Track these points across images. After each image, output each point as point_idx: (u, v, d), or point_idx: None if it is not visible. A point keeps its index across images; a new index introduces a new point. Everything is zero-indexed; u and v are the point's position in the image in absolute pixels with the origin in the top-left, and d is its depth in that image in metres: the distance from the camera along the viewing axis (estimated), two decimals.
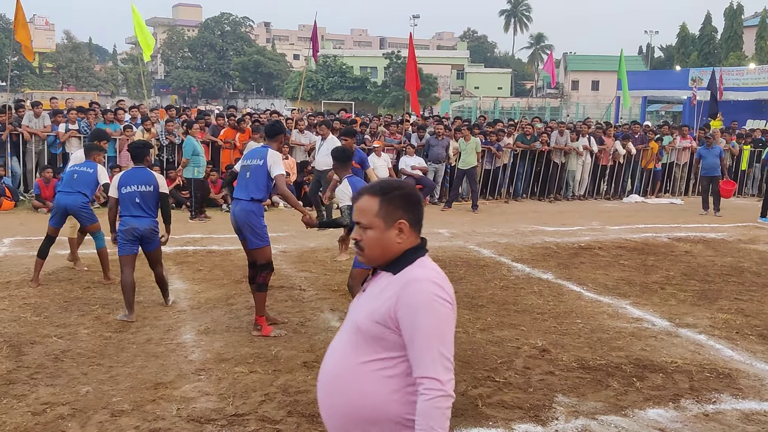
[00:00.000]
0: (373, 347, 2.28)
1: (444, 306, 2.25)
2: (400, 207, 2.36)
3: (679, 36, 65.47)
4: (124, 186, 6.60)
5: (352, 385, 2.29)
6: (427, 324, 2.21)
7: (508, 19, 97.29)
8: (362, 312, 2.35)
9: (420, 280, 2.27)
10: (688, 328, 6.79)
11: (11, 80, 58.58)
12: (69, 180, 7.80)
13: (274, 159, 6.30)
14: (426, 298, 2.23)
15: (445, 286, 2.29)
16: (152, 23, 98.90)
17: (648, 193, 17.88)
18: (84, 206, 7.72)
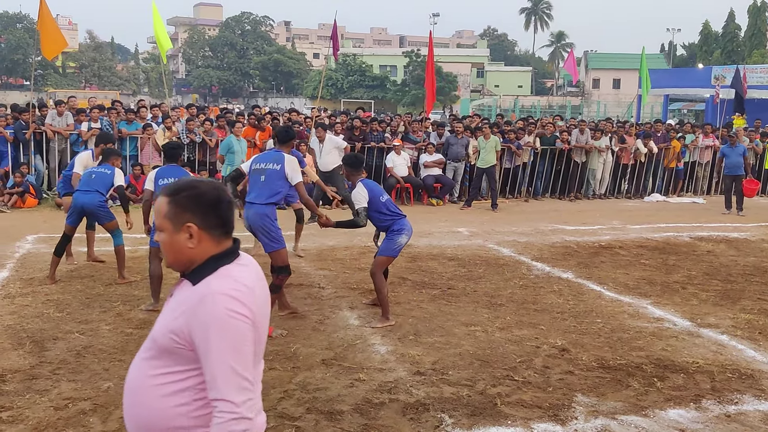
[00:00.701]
0: (165, 360, 2.12)
1: (240, 321, 2.07)
2: (188, 209, 2.16)
3: (701, 34, 64.85)
4: (161, 178, 6.97)
5: (142, 397, 2.15)
6: (220, 342, 2.04)
7: (529, 17, 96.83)
8: (159, 323, 2.18)
9: (214, 293, 2.08)
10: (709, 328, 6.73)
11: (35, 79, 59.23)
12: (86, 180, 7.91)
13: (293, 166, 6.45)
14: (219, 314, 2.05)
15: (243, 298, 2.10)
16: (173, 22, 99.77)
17: (670, 192, 17.72)
18: (101, 205, 7.82)
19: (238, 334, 2.06)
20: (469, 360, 5.63)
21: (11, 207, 12.29)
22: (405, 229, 6.61)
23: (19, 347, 5.62)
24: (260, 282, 2.25)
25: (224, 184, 7.30)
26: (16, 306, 6.71)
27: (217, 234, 2.20)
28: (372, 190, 6.59)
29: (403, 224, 6.62)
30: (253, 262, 2.31)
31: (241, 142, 12.61)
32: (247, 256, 2.30)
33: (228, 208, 2.23)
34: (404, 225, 6.63)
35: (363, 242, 10.09)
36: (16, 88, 77.52)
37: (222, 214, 2.21)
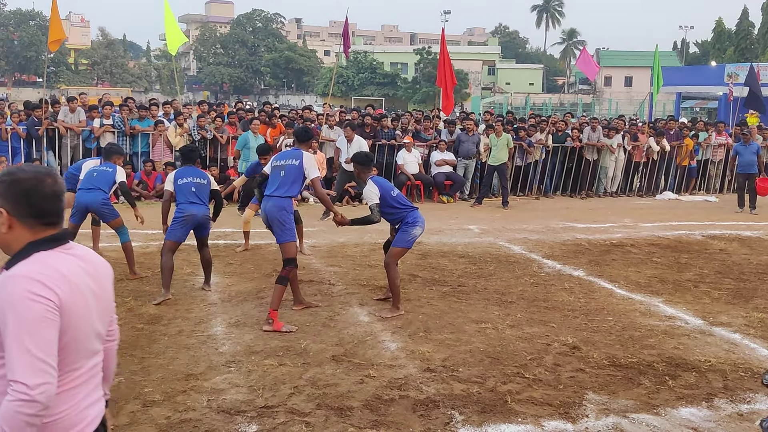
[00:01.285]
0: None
1: (39, 303, 2.04)
2: (1, 195, 2.16)
3: (714, 31, 64.46)
4: (181, 178, 7.21)
5: None
6: (17, 323, 2.02)
7: (540, 15, 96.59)
8: None
9: (16, 276, 2.07)
10: (722, 326, 6.68)
11: (47, 76, 59.62)
12: (89, 178, 7.96)
13: (311, 162, 6.64)
14: (17, 295, 2.03)
15: (48, 282, 2.08)
16: (185, 20, 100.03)
17: (682, 190, 17.63)
18: (105, 203, 7.85)
19: (37, 315, 2.04)
20: (479, 357, 5.62)
21: None
22: (418, 221, 6.71)
23: None
24: (83, 272, 2.22)
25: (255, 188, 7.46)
26: None
27: (31, 223, 2.18)
28: (382, 187, 6.71)
29: (416, 216, 6.73)
30: (89, 255, 2.29)
31: (258, 138, 12.65)
32: (82, 248, 2.29)
33: (48, 199, 2.20)
34: (417, 217, 6.73)
35: (373, 239, 10.09)
36: (29, 85, 78.04)
37: (35, 203, 2.18)
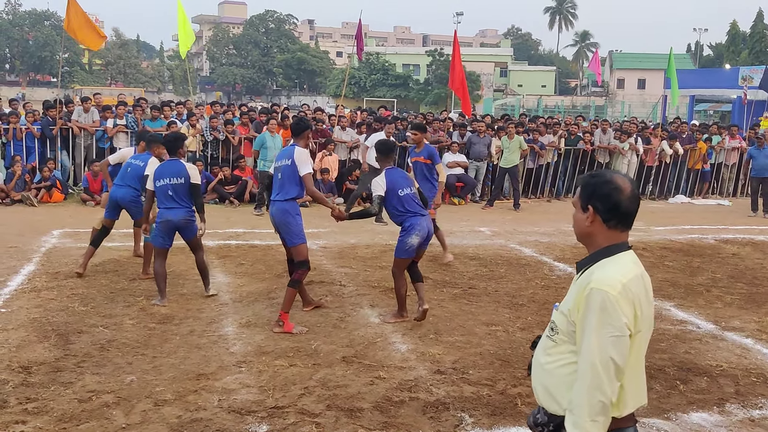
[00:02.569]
0: None
1: None
2: None
3: (729, 34, 64.11)
4: (158, 179, 6.89)
5: None
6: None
7: (553, 17, 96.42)
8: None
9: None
10: (734, 331, 6.65)
11: (61, 76, 60.00)
12: (122, 174, 8.03)
13: (301, 158, 6.34)
14: None
15: None
16: (198, 20, 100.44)
17: (695, 193, 17.54)
18: (134, 199, 7.87)
19: None
20: (489, 360, 5.62)
21: (39, 201, 12.47)
22: (415, 228, 6.36)
23: (45, 340, 5.70)
24: None
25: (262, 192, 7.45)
26: (41, 299, 6.80)
27: None
28: (392, 181, 6.47)
29: (413, 223, 6.38)
30: None
31: (275, 138, 12.73)
32: None
33: None
34: (414, 224, 6.38)
35: (384, 240, 10.10)
36: (43, 85, 78.62)
37: None
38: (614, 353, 2.24)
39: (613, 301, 2.26)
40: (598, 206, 2.40)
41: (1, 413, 4.39)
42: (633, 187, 2.42)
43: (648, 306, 2.39)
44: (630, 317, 2.28)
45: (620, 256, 2.40)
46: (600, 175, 2.45)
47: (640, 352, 2.37)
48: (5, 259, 8.34)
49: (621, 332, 2.25)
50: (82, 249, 9.05)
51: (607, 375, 2.24)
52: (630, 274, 2.35)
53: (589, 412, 2.25)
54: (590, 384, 2.25)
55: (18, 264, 8.15)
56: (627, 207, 2.39)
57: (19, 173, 12.57)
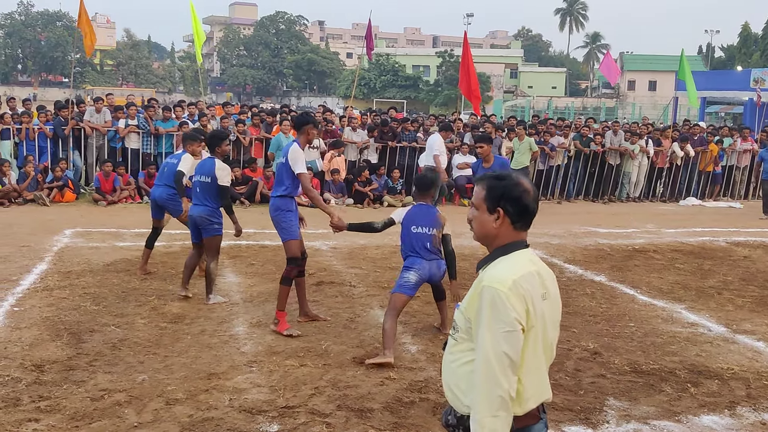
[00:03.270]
0: None
1: None
2: None
3: (740, 35, 63.72)
4: (195, 175, 7.08)
5: None
6: None
7: (564, 18, 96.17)
8: None
9: None
10: (745, 334, 6.62)
11: (73, 77, 60.37)
12: (160, 173, 8.12)
13: (295, 156, 6.17)
14: None
15: None
16: (209, 21, 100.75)
17: (706, 196, 17.46)
18: (171, 198, 7.88)
19: None
20: None
21: (51, 201, 12.55)
22: (415, 266, 5.88)
23: (57, 338, 5.74)
24: None
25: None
26: (54, 298, 6.85)
27: None
28: (413, 215, 6.00)
29: (413, 262, 5.91)
30: None
31: (289, 139, 12.73)
32: None
33: None
34: (416, 262, 5.90)
35: (394, 241, 10.08)
36: (55, 85, 79.08)
37: None
38: (507, 347, 2.27)
39: (502, 297, 2.29)
40: (508, 208, 2.43)
41: (14, 411, 4.42)
42: (534, 188, 2.51)
43: (544, 303, 2.39)
44: (521, 312, 2.30)
45: (516, 254, 2.44)
46: (507, 178, 2.49)
47: (536, 348, 2.37)
48: (18, 258, 8.40)
49: (512, 327, 2.27)
50: (94, 248, 9.13)
51: (501, 369, 2.26)
52: (522, 270, 2.38)
53: (489, 407, 2.27)
54: (486, 379, 2.28)
55: (30, 263, 8.21)
56: (534, 209, 2.47)
57: (32, 173, 12.65)
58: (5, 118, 13.33)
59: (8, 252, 8.70)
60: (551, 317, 2.44)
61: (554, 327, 2.47)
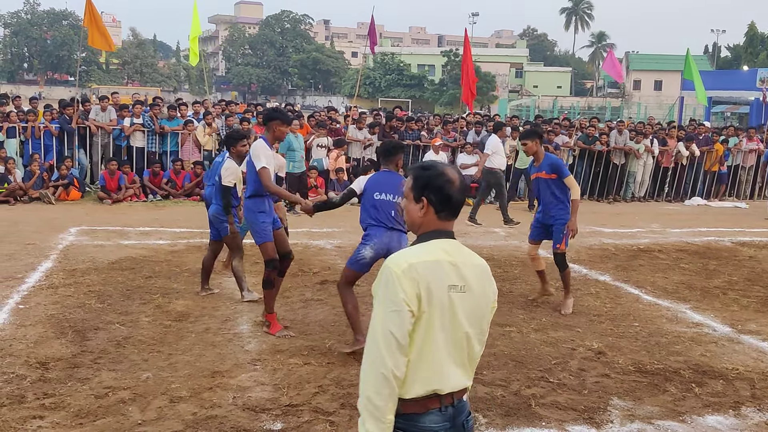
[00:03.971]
0: None
1: None
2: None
3: (747, 35, 63.49)
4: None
5: None
6: None
7: (569, 17, 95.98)
8: None
9: None
10: (750, 334, 6.60)
11: (79, 75, 60.48)
12: (207, 173, 8.13)
13: (255, 152, 5.96)
14: None
15: None
16: (214, 20, 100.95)
17: (711, 196, 17.41)
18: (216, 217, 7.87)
19: None
20: (503, 360, 5.61)
21: (56, 199, 12.58)
22: (372, 239, 5.50)
23: (62, 336, 5.76)
24: None
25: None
26: (59, 296, 6.86)
27: None
28: (375, 181, 5.63)
29: (371, 234, 5.51)
30: None
31: (298, 139, 12.78)
32: None
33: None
34: (373, 234, 5.50)
35: None
36: (61, 84, 79.25)
37: None
38: (393, 327, 2.29)
39: (394, 278, 2.31)
40: (431, 198, 2.45)
41: (18, 408, 4.44)
42: (461, 179, 2.50)
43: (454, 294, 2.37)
44: (410, 295, 2.31)
45: (432, 242, 2.46)
46: (432, 168, 2.51)
47: (431, 335, 2.35)
48: (23, 256, 8.43)
49: (398, 307, 2.29)
50: (99, 246, 9.15)
51: (387, 347, 2.28)
52: (426, 257, 2.39)
53: (374, 383, 2.29)
54: (373, 355, 2.31)
55: (36, 261, 8.23)
56: (458, 199, 2.47)
57: (37, 172, 12.69)
58: (11, 116, 13.37)
59: (14, 250, 8.72)
60: (466, 311, 2.41)
61: (472, 322, 2.43)
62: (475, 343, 2.45)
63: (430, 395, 2.36)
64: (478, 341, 2.47)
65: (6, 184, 12.39)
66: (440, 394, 2.37)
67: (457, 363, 2.41)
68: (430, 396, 2.36)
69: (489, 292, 2.51)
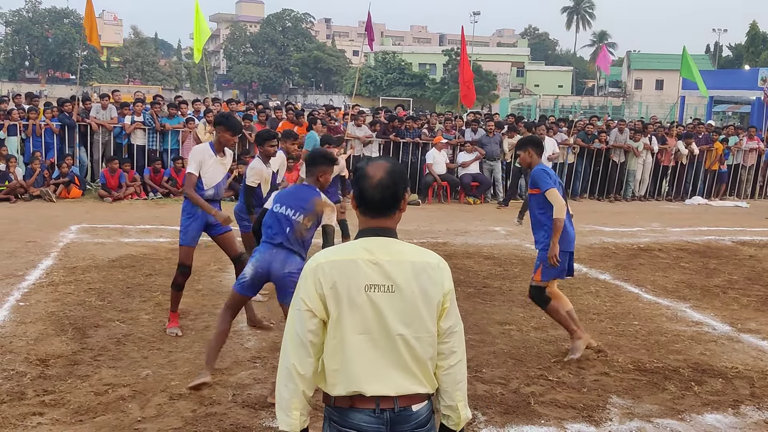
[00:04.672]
0: None
1: None
2: None
3: (748, 34, 63.40)
4: None
5: None
6: None
7: (571, 17, 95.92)
8: None
9: None
10: (750, 333, 6.61)
11: (80, 73, 60.47)
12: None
13: (190, 155, 5.90)
14: None
15: None
16: (216, 19, 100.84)
17: (712, 195, 17.40)
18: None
19: None
20: (503, 358, 5.62)
21: (57, 197, 12.59)
22: (254, 257, 4.83)
23: (62, 333, 5.77)
24: None
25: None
26: (59, 293, 6.87)
27: None
28: (279, 196, 4.90)
29: (258, 250, 4.85)
30: None
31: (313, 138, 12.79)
32: None
33: None
34: (258, 251, 4.84)
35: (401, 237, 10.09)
36: (62, 82, 79.23)
37: None
38: (296, 324, 2.34)
39: (301, 277, 2.37)
40: (353, 193, 2.45)
41: (18, 405, 4.45)
42: (385, 176, 2.38)
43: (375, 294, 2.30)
44: (311, 295, 2.32)
45: (355, 241, 2.42)
46: (361, 164, 2.52)
47: (346, 337, 2.30)
48: (24, 254, 8.44)
49: (297, 306, 2.34)
50: (99, 244, 9.16)
51: (291, 343, 2.34)
52: (337, 256, 2.35)
53: (282, 376, 2.35)
54: (283, 350, 2.38)
55: (36, 258, 8.24)
56: (371, 196, 2.37)
57: (38, 169, 12.69)
58: (12, 114, 13.37)
59: (14, 247, 8.73)
60: (396, 311, 2.31)
61: (408, 323, 2.31)
62: (416, 345, 2.31)
63: (356, 394, 2.31)
64: (421, 343, 2.32)
65: (7, 181, 12.40)
66: (365, 396, 2.29)
67: (394, 366, 2.31)
68: (357, 395, 2.30)
69: (431, 290, 2.35)
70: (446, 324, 2.39)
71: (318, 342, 2.32)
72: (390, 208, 2.41)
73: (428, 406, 2.40)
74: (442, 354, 2.39)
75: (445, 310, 2.39)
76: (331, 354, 2.32)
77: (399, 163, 2.65)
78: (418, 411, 2.35)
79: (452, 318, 2.41)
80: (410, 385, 2.33)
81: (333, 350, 2.32)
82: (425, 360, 2.34)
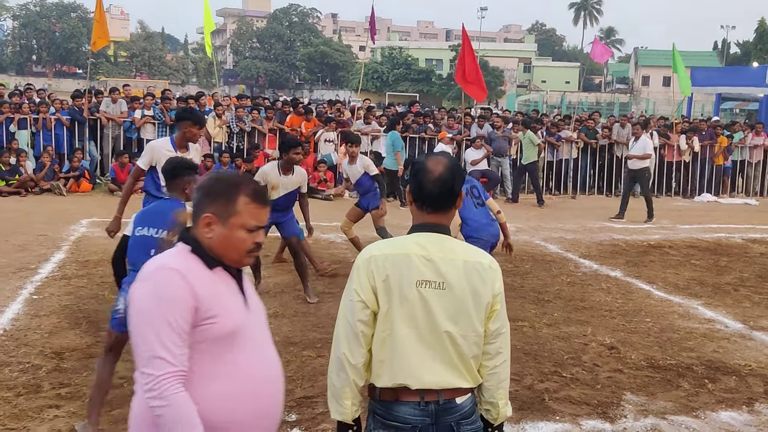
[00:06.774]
0: None
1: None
2: None
3: (757, 31, 63.09)
4: None
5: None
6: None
7: (578, 12, 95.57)
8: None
9: None
10: (762, 331, 6.59)
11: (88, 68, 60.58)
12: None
13: (145, 149, 5.85)
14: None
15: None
16: (223, 13, 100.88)
17: (720, 192, 17.34)
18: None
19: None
20: (516, 355, 5.61)
21: (67, 191, 12.63)
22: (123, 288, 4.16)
23: (76, 326, 5.79)
24: None
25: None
26: (72, 287, 6.90)
27: None
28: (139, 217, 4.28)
29: (126, 281, 4.18)
30: None
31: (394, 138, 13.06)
32: None
33: None
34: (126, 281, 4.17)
35: None
36: (69, 76, 79.41)
37: None
38: (348, 314, 2.34)
39: (354, 268, 2.37)
40: (411, 188, 2.45)
41: (35, 397, 4.47)
42: (443, 171, 2.38)
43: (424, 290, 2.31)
44: (364, 286, 2.32)
45: (408, 236, 2.43)
46: (418, 159, 2.51)
47: (393, 329, 2.32)
48: (35, 247, 8.47)
49: (350, 296, 2.34)
50: (110, 239, 9.17)
51: (344, 333, 2.35)
52: (392, 250, 2.36)
53: (334, 365, 2.38)
54: (335, 339, 2.39)
55: (48, 252, 8.28)
56: (430, 190, 2.38)
57: (48, 163, 12.74)
58: (23, 108, 13.41)
59: (26, 241, 8.77)
60: (445, 308, 2.32)
61: (456, 321, 2.32)
62: (462, 343, 2.32)
63: (401, 387, 2.33)
64: (467, 341, 2.34)
65: (17, 175, 12.45)
66: (411, 388, 2.31)
67: (439, 361, 2.32)
68: (402, 388, 2.33)
69: (481, 291, 2.36)
70: (494, 325, 2.41)
71: (369, 333, 2.34)
72: (447, 203, 2.42)
73: (472, 398, 2.42)
74: (488, 354, 2.41)
75: (494, 312, 2.40)
76: (380, 345, 2.34)
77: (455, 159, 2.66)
78: (462, 403, 2.37)
79: (501, 320, 2.43)
80: (454, 379, 2.35)
81: (381, 342, 2.34)
82: (469, 358, 2.36)
